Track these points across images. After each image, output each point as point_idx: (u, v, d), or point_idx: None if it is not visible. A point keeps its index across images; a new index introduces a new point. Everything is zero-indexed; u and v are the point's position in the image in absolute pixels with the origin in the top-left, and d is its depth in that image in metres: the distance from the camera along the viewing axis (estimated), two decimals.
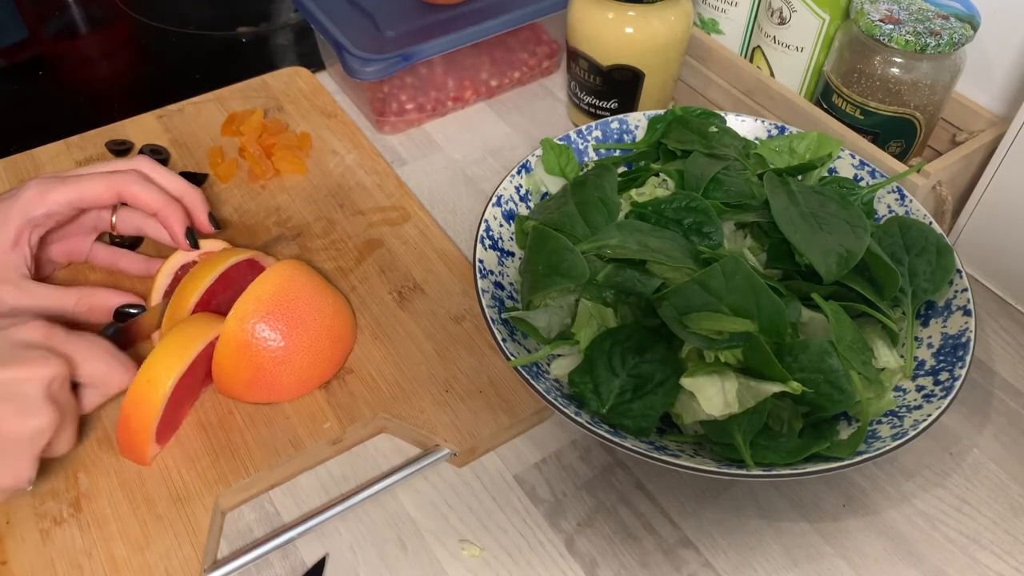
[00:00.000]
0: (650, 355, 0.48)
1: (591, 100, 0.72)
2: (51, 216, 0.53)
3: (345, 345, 0.55)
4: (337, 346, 0.54)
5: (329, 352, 0.54)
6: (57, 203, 0.52)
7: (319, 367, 0.53)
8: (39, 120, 0.79)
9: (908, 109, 0.62)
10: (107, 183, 0.53)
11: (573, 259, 0.49)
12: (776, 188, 0.53)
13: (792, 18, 0.67)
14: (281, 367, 0.51)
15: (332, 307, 0.54)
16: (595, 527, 0.50)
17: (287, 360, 0.51)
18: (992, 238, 0.62)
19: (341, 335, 0.55)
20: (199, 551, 0.47)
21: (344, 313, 0.56)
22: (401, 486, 0.52)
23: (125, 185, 0.53)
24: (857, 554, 0.50)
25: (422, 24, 0.72)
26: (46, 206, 0.52)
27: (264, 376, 0.51)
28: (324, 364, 0.53)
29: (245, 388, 0.52)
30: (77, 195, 0.53)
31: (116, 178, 0.53)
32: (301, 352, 0.52)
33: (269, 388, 0.52)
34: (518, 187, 0.59)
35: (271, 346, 0.51)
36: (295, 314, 0.52)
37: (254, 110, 0.73)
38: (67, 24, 0.94)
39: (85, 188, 0.53)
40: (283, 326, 0.51)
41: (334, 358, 0.54)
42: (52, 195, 0.52)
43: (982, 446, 0.55)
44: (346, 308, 0.56)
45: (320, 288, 0.54)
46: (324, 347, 0.53)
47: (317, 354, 0.53)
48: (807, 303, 0.49)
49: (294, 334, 0.52)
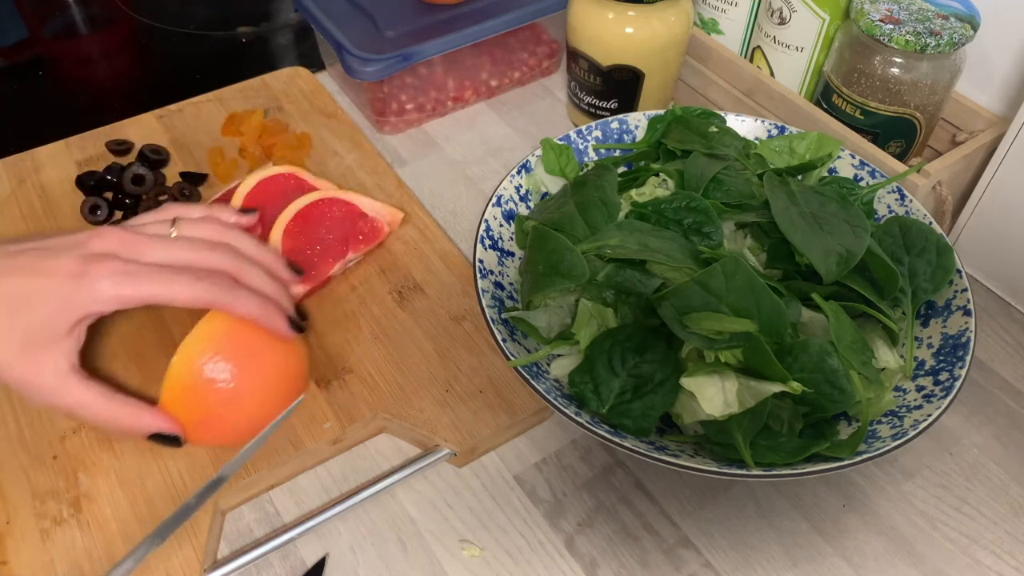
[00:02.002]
0: (650, 355, 0.48)
1: (591, 100, 0.72)
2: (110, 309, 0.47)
3: (299, 384, 0.52)
4: (292, 386, 0.51)
5: (283, 393, 0.50)
6: (132, 300, 0.46)
7: (270, 407, 0.50)
8: (39, 120, 0.79)
9: (908, 109, 0.62)
10: (196, 293, 0.47)
11: (573, 259, 0.49)
12: (776, 188, 0.53)
13: (792, 18, 0.67)
14: (230, 409, 0.48)
15: (286, 345, 0.51)
16: (595, 527, 0.50)
17: (237, 402, 0.48)
18: (992, 238, 0.62)
19: (295, 374, 0.51)
20: (199, 551, 0.47)
21: (299, 351, 0.52)
22: (401, 486, 0.52)
23: (217, 296, 0.47)
24: (857, 554, 0.50)
25: (422, 24, 0.72)
26: (119, 303, 0.46)
27: (212, 418, 0.48)
28: (275, 403, 0.50)
29: (192, 430, 0.49)
30: (155, 299, 0.46)
31: (206, 288, 0.47)
32: (252, 393, 0.48)
33: (218, 431, 0.49)
34: (518, 187, 0.59)
35: (220, 388, 0.47)
36: (247, 353, 0.49)
37: (254, 110, 0.73)
38: (67, 24, 0.94)
39: (171, 293, 0.46)
40: (234, 366, 0.48)
41: (286, 397, 0.51)
42: (128, 292, 0.46)
43: (982, 446, 0.55)
44: (301, 345, 0.53)
45: None
46: (277, 388, 0.50)
47: (269, 395, 0.49)
48: (807, 303, 0.49)
49: (245, 375, 0.48)
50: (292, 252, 0.58)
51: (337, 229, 0.60)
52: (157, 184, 0.67)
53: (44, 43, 0.92)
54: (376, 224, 0.62)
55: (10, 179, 0.68)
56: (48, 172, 0.69)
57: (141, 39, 0.92)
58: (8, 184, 0.68)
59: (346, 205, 0.61)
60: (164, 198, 0.66)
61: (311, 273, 0.58)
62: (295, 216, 0.59)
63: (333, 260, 0.59)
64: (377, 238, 0.62)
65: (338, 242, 0.60)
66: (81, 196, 0.66)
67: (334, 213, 0.61)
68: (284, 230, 0.58)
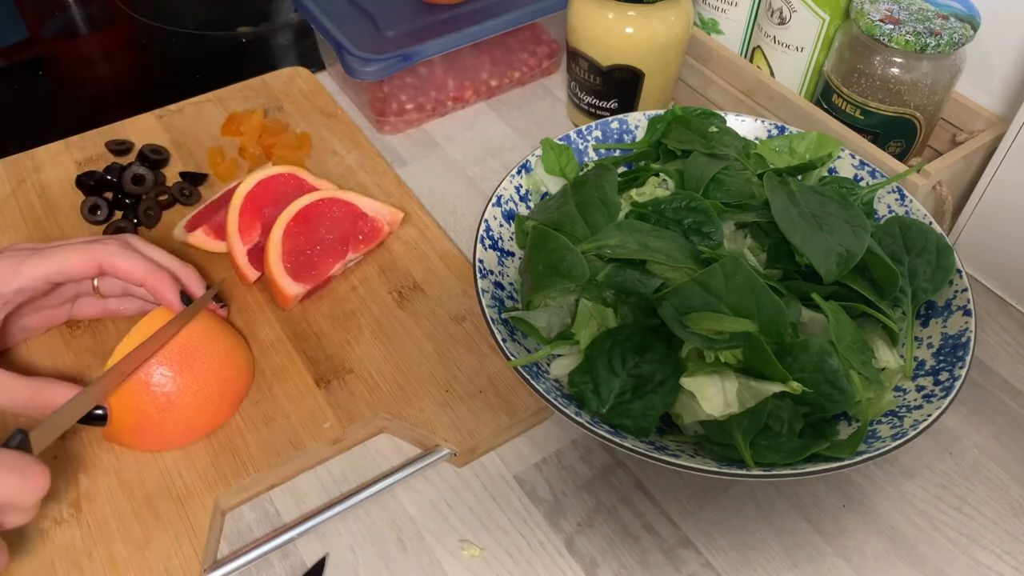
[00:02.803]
0: (650, 355, 0.48)
1: (591, 100, 0.72)
2: (23, 292, 0.49)
3: (238, 387, 0.52)
4: (228, 389, 0.51)
5: (218, 397, 0.50)
6: (32, 278, 0.48)
7: (207, 413, 0.50)
8: (39, 120, 0.79)
9: (908, 109, 0.62)
10: (86, 255, 0.49)
11: (573, 259, 0.49)
12: (776, 188, 0.53)
13: (792, 18, 0.67)
14: (166, 413, 0.49)
15: (223, 348, 0.51)
16: (595, 527, 0.50)
17: (173, 406, 0.48)
18: (992, 238, 0.62)
19: (232, 378, 0.52)
20: (199, 551, 0.47)
21: (237, 353, 0.53)
22: (401, 486, 0.52)
23: (106, 256, 0.49)
24: (857, 554, 0.50)
25: (422, 24, 0.72)
26: (19, 281, 0.48)
27: (148, 423, 0.48)
28: (213, 410, 0.50)
29: (130, 435, 0.49)
30: (54, 269, 0.48)
31: (95, 248, 0.49)
32: (188, 397, 0.49)
33: (155, 435, 0.49)
34: (518, 187, 0.59)
35: (155, 391, 0.48)
36: (182, 356, 0.49)
37: (254, 110, 0.73)
38: (67, 24, 0.94)
39: (62, 261, 0.48)
40: (169, 369, 0.48)
41: (224, 403, 0.51)
42: (25, 269, 0.48)
43: (982, 446, 0.55)
44: (240, 348, 0.53)
45: (210, 327, 0.52)
46: (213, 391, 0.50)
47: (205, 399, 0.50)
48: (807, 303, 0.49)
49: (180, 378, 0.49)
50: (292, 252, 0.58)
51: (337, 229, 0.60)
52: (157, 184, 0.67)
53: (44, 43, 0.92)
54: (376, 224, 0.62)
55: (10, 179, 0.68)
56: (48, 172, 0.69)
57: (141, 39, 0.92)
58: (8, 184, 0.68)
59: (346, 205, 0.61)
60: (164, 198, 0.66)
61: (311, 273, 0.58)
62: (295, 216, 0.59)
63: (333, 260, 0.59)
64: (377, 238, 0.62)
65: (338, 242, 0.60)
66: (81, 196, 0.66)
67: (334, 213, 0.61)
68: (284, 230, 0.58)
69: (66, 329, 0.57)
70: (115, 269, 0.50)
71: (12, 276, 0.48)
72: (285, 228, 0.59)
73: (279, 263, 0.57)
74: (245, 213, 0.60)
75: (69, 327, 0.57)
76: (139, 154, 0.69)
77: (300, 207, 0.60)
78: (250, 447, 0.51)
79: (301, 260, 0.58)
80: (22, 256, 0.48)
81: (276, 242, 0.58)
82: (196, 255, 0.62)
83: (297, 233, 0.59)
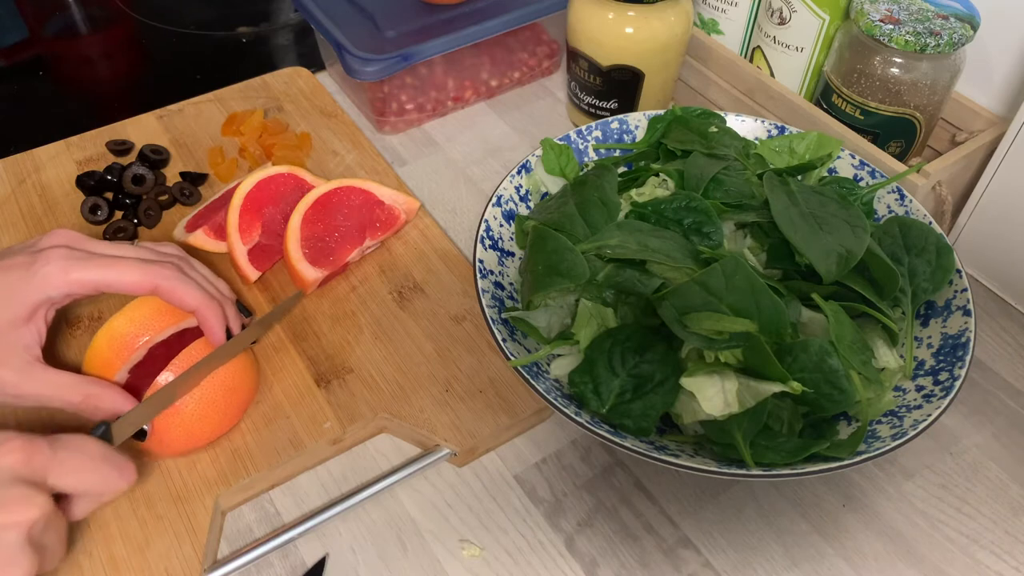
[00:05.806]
0: (650, 355, 0.48)
1: (591, 100, 0.72)
2: (72, 296, 0.48)
3: (242, 396, 0.52)
4: (232, 398, 0.51)
5: (222, 405, 0.50)
6: (82, 284, 0.47)
7: (211, 420, 0.50)
8: (39, 120, 0.79)
9: (908, 109, 0.62)
10: (145, 276, 0.48)
11: (573, 259, 0.49)
12: (776, 188, 0.53)
13: (792, 18, 0.67)
14: (168, 419, 0.48)
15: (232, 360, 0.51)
16: (595, 527, 0.50)
17: (175, 412, 0.48)
18: (992, 238, 0.62)
19: (237, 387, 0.51)
20: (199, 551, 0.47)
21: (242, 362, 0.52)
22: (401, 486, 0.52)
23: (164, 280, 0.48)
24: (857, 554, 0.50)
25: (422, 24, 0.72)
26: (69, 287, 0.47)
27: (151, 428, 0.48)
28: (217, 418, 0.50)
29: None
30: (107, 281, 0.47)
31: (155, 271, 0.48)
32: (191, 404, 0.49)
33: (156, 441, 0.49)
34: (518, 187, 0.59)
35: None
36: (188, 364, 0.49)
37: (254, 110, 0.73)
38: (67, 24, 0.94)
39: (118, 276, 0.47)
40: (173, 376, 0.48)
41: (228, 411, 0.51)
42: (77, 274, 0.47)
43: (982, 446, 0.55)
44: (246, 358, 0.53)
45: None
46: (216, 399, 0.50)
47: (208, 406, 0.49)
48: (807, 303, 0.49)
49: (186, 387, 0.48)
50: (311, 239, 0.59)
51: (355, 216, 0.61)
52: (157, 184, 0.67)
53: (44, 43, 0.92)
54: (393, 212, 0.63)
55: (10, 179, 0.68)
56: (48, 172, 0.69)
57: (141, 39, 0.92)
58: (8, 184, 0.68)
59: (364, 193, 0.63)
60: (164, 198, 0.66)
61: (329, 259, 0.60)
62: (314, 203, 0.60)
63: (351, 246, 0.61)
64: (394, 225, 0.63)
65: (356, 229, 0.61)
66: (81, 196, 0.66)
67: (352, 201, 0.62)
68: (303, 217, 0.59)
69: (66, 329, 0.57)
70: (171, 295, 0.49)
71: (62, 280, 0.46)
72: (304, 215, 0.60)
73: (298, 249, 0.58)
74: (245, 213, 0.60)
75: (69, 326, 0.58)
76: (139, 154, 0.69)
77: (319, 195, 0.61)
78: (250, 447, 0.51)
79: (319, 246, 0.59)
80: (73, 260, 0.47)
81: (295, 228, 0.59)
82: (196, 255, 0.62)
83: (315, 220, 0.60)
